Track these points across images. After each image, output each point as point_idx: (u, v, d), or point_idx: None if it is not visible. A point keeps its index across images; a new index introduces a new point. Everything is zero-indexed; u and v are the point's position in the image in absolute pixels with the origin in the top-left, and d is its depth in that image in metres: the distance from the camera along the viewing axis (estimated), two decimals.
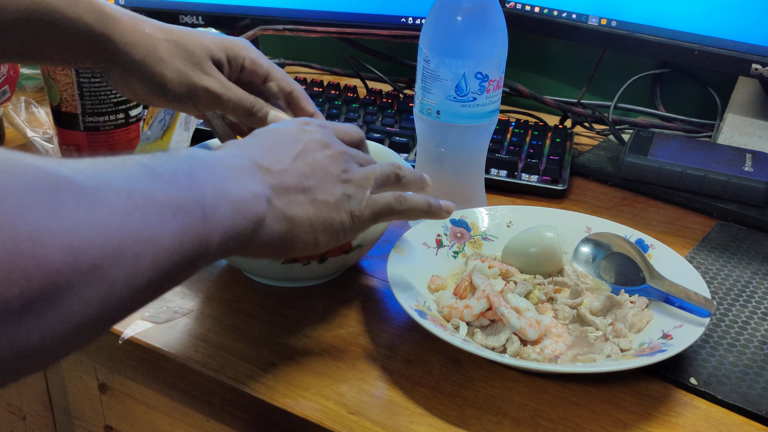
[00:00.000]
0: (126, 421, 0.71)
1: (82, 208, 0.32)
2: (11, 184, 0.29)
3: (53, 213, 0.30)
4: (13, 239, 0.28)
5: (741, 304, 0.64)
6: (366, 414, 0.51)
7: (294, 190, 0.48)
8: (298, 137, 0.52)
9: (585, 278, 0.65)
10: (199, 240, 0.39)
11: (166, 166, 0.40)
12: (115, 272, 0.33)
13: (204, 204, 0.40)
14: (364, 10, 1.02)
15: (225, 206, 0.42)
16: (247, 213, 0.44)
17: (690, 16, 0.84)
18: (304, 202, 0.48)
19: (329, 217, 0.50)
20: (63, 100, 0.80)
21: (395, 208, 0.54)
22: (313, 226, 0.49)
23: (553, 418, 0.51)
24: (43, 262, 0.29)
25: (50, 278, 0.29)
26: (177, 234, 0.37)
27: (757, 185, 0.79)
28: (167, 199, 0.37)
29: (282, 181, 0.48)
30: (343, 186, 0.51)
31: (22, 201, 0.29)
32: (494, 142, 0.86)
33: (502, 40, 0.67)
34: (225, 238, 0.42)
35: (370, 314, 0.62)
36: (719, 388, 0.54)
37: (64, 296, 0.30)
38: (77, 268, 0.31)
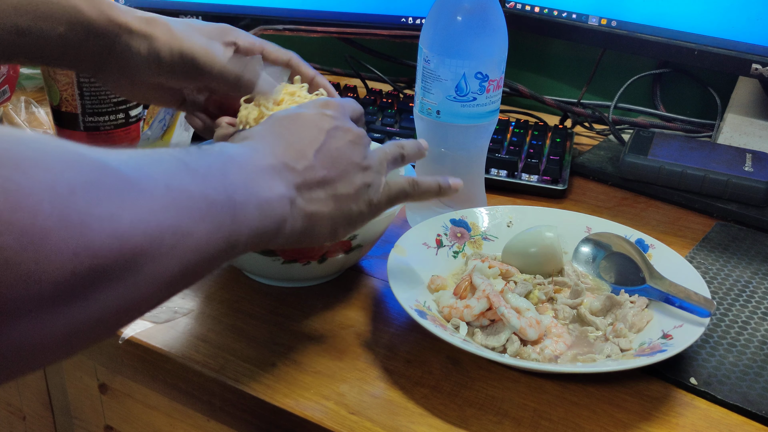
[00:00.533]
0: (126, 422, 0.71)
1: (126, 197, 0.33)
2: (63, 171, 0.30)
3: (100, 200, 0.31)
4: (65, 222, 0.29)
5: (741, 304, 0.64)
6: (366, 414, 0.51)
7: (317, 186, 0.49)
8: (319, 126, 0.52)
9: (585, 278, 0.65)
10: (227, 237, 0.40)
11: (201, 162, 0.41)
12: (152, 261, 0.34)
13: (235, 203, 0.41)
14: (364, 10, 1.02)
15: (253, 207, 0.43)
16: (272, 214, 0.45)
17: (690, 16, 0.84)
18: (326, 198, 0.50)
19: (348, 209, 0.51)
20: (63, 100, 0.80)
21: (410, 193, 0.56)
22: (334, 219, 0.50)
23: (553, 418, 0.51)
24: (91, 244, 0.30)
25: (97, 260, 0.30)
26: (209, 231, 0.38)
27: (757, 185, 0.79)
28: (202, 196, 0.38)
29: (305, 179, 0.49)
30: (363, 174, 0.52)
31: (72, 187, 0.30)
32: (494, 142, 0.86)
33: (502, 40, 0.67)
34: (251, 237, 0.43)
35: (370, 314, 0.62)
36: (719, 388, 0.54)
37: (108, 280, 0.31)
38: (121, 254, 0.32)
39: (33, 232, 0.28)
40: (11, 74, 0.98)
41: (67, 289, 0.29)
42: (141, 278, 0.33)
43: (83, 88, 0.79)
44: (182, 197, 0.37)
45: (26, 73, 1.07)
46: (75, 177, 0.30)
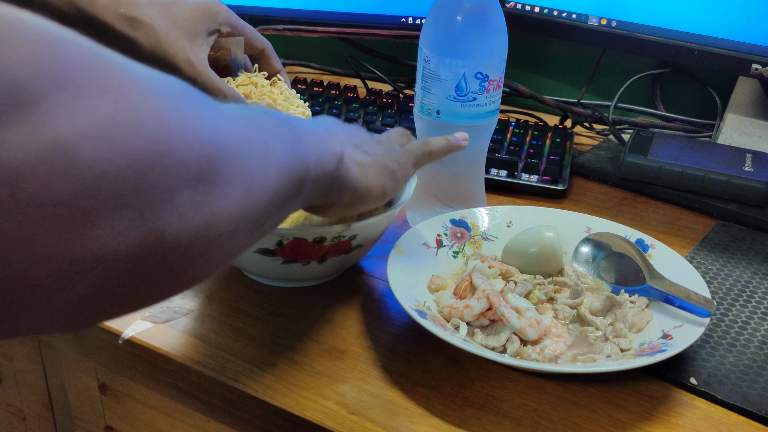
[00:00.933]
0: (126, 422, 0.71)
1: (212, 107, 0.33)
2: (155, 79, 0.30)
3: (195, 105, 0.31)
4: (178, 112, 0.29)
5: (741, 304, 0.64)
6: (366, 414, 0.51)
7: (348, 142, 0.51)
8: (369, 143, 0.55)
9: (585, 278, 0.65)
10: (301, 159, 0.40)
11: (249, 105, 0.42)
12: (253, 164, 0.34)
13: (294, 129, 0.41)
14: (364, 10, 1.02)
15: (310, 137, 0.43)
16: (328, 147, 0.46)
17: (690, 16, 0.84)
18: (362, 153, 0.52)
19: (384, 162, 0.53)
20: None
21: (425, 149, 0.58)
22: (378, 170, 0.52)
23: (553, 418, 0.51)
24: (204, 135, 0.30)
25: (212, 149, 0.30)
26: (286, 147, 0.39)
27: (757, 185, 0.79)
28: (268, 119, 0.39)
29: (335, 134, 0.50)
30: (378, 146, 0.55)
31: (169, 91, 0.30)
32: (494, 142, 0.86)
33: (502, 40, 0.67)
34: (318, 166, 0.43)
35: (370, 314, 0.62)
36: (719, 388, 0.54)
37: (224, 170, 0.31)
38: (227, 148, 0.32)
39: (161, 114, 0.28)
40: None
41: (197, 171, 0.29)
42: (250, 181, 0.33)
43: None
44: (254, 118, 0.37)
45: None
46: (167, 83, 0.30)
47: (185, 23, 0.62)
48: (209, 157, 0.30)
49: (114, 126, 0.26)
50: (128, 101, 0.27)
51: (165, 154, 0.27)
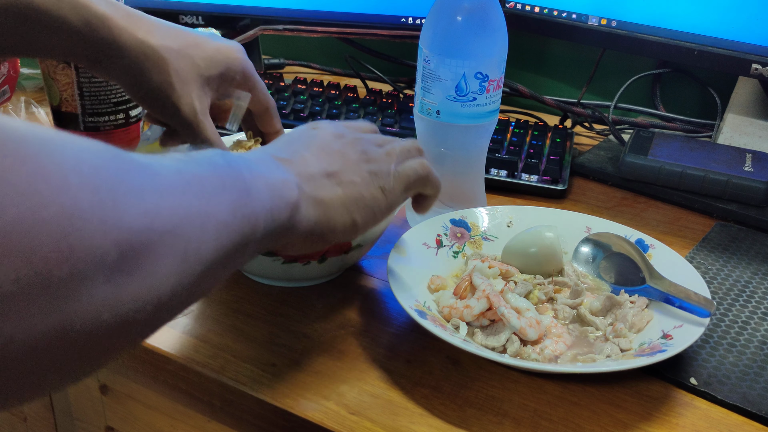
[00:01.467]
0: (127, 422, 0.71)
1: (145, 178, 0.32)
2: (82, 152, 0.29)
3: (123, 179, 0.31)
4: (97, 198, 0.28)
5: (741, 304, 0.64)
6: (366, 414, 0.51)
7: (319, 176, 0.49)
8: (310, 134, 0.53)
9: (585, 278, 0.65)
10: (247, 218, 0.40)
11: (199, 156, 0.40)
12: (185, 240, 0.33)
13: (245, 181, 0.40)
14: (364, 10, 1.02)
15: (262, 186, 0.42)
16: (282, 196, 0.44)
17: (690, 16, 0.84)
18: (332, 185, 0.49)
19: (360, 195, 0.50)
20: (63, 100, 0.80)
21: (422, 174, 0.55)
22: (346, 206, 0.49)
23: (553, 419, 0.51)
24: (125, 219, 0.29)
25: (133, 235, 0.30)
26: (229, 210, 0.38)
27: (757, 185, 0.79)
28: (213, 176, 0.38)
29: (306, 168, 0.48)
30: (366, 165, 0.52)
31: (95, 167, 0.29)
32: (494, 142, 0.86)
33: (502, 40, 0.67)
34: (268, 220, 0.42)
35: (370, 314, 0.62)
36: (719, 388, 0.54)
37: (147, 256, 0.31)
38: (153, 230, 0.31)
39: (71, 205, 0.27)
40: (11, 74, 0.98)
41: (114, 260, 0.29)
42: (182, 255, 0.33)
43: (83, 88, 0.79)
44: (195, 180, 0.36)
45: (26, 73, 1.07)
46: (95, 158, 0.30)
47: (202, 64, 0.61)
48: (129, 243, 0.29)
49: (17, 229, 0.25)
50: (34, 197, 0.26)
51: (76, 249, 0.27)
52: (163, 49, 0.59)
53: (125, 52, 0.58)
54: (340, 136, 0.53)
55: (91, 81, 0.79)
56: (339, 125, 0.55)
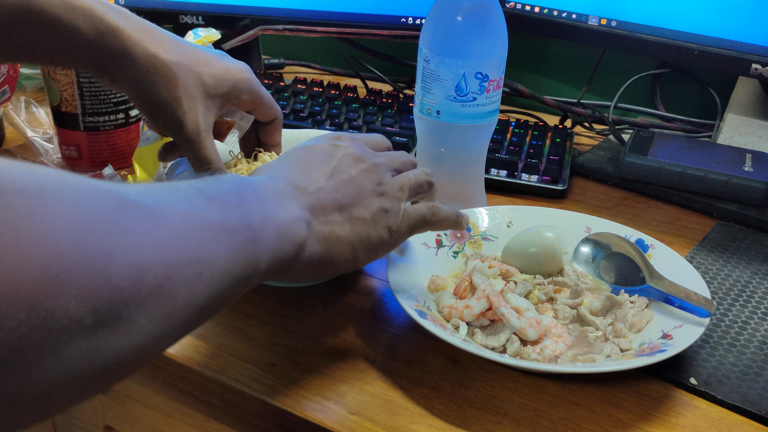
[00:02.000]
0: (126, 422, 0.71)
1: (145, 227, 0.32)
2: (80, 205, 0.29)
3: (120, 232, 0.31)
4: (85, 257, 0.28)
5: (741, 304, 0.64)
6: (366, 414, 0.51)
7: (331, 209, 0.49)
8: (330, 153, 0.53)
9: (585, 278, 0.65)
10: (248, 262, 0.40)
11: (216, 189, 0.41)
12: (177, 290, 0.34)
13: (253, 227, 0.41)
14: (364, 10, 1.02)
15: (271, 230, 0.43)
16: (290, 236, 0.45)
17: (690, 16, 0.84)
18: (342, 221, 0.50)
19: (367, 234, 0.51)
20: (63, 100, 0.80)
21: (429, 220, 0.55)
22: (352, 244, 0.50)
23: (553, 418, 0.51)
24: (112, 278, 0.29)
25: (119, 294, 0.30)
26: (230, 256, 0.38)
27: (757, 185, 0.79)
28: (221, 221, 0.38)
29: (319, 201, 0.49)
30: (379, 200, 0.52)
31: (91, 220, 0.29)
32: (494, 142, 0.86)
33: (502, 40, 0.67)
34: (271, 261, 0.43)
35: (370, 314, 0.62)
36: (719, 388, 0.54)
37: (132, 312, 0.31)
38: (143, 285, 0.31)
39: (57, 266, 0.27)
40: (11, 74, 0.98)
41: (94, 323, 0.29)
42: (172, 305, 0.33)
43: (83, 88, 0.79)
44: (202, 224, 0.37)
45: (26, 73, 1.07)
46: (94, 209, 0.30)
47: (210, 82, 0.61)
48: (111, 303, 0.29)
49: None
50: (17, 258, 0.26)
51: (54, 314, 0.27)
52: (173, 64, 0.58)
53: (135, 64, 0.57)
54: (359, 159, 0.53)
55: (91, 81, 0.79)
56: (360, 144, 0.55)
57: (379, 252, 0.52)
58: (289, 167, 0.51)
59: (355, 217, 0.50)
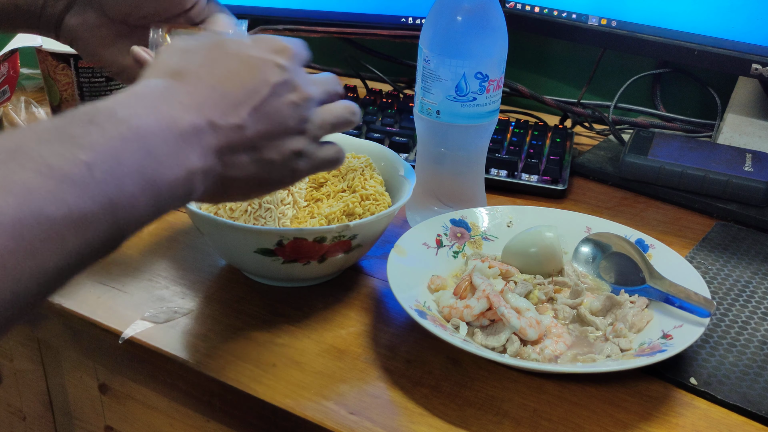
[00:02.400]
0: (126, 422, 0.71)
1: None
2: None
3: None
4: None
5: (741, 304, 0.64)
6: (366, 414, 0.51)
7: (241, 149, 0.44)
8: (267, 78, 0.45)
9: (585, 278, 0.65)
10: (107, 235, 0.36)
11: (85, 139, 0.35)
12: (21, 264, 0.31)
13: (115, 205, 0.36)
14: (364, 10, 1.02)
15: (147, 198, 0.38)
16: (175, 193, 0.40)
17: (690, 16, 0.84)
18: (248, 163, 0.44)
19: (269, 176, 0.46)
20: (63, 100, 0.80)
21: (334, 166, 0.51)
22: (249, 184, 0.46)
23: (553, 418, 0.51)
24: None
25: None
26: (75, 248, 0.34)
27: (757, 185, 0.79)
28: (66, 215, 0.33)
29: (230, 141, 0.43)
30: (296, 140, 0.47)
31: None
32: (494, 142, 0.86)
33: (502, 40, 0.67)
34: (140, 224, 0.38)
35: (370, 314, 0.62)
36: (719, 388, 0.54)
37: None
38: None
39: None
40: (11, 74, 0.98)
41: None
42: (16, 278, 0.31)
43: (83, 88, 0.79)
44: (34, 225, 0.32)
45: (26, 73, 1.07)
46: None
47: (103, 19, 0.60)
48: None
49: None
50: None
51: None
52: None
53: None
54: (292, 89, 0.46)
55: (90, 81, 0.79)
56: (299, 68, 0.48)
57: (271, 190, 0.49)
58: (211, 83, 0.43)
59: (263, 159, 0.45)
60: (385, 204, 0.66)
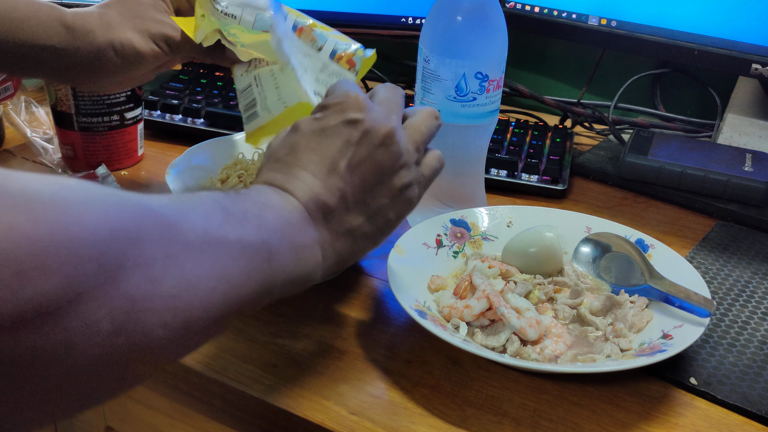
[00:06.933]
0: (127, 422, 0.71)
1: (162, 239, 0.33)
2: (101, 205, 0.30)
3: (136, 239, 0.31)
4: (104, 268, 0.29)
5: (741, 304, 0.64)
6: (366, 414, 0.51)
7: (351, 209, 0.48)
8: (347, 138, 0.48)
9: (585, 278, 0.65)
10: (264, 280, 0.41)
11: (237, 206, 0.41)
12: (192, 303, 0.34)
13: (270, 247, 0.41)
14: (364, 10, 1.02)
15: (287, 252, 0.43)
16: (306, 260, 0.45)
17: (690, 16, 0.84)
18: (361, 221, 0.48)
19: (387, 220, 0.50)
20: (58, 99, 0.80)
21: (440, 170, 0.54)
22: (371, 237, 0.50)
23: (553, 418, 0.51)
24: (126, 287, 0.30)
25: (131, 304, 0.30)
26: (245, 273, 0.39)
27: (757, 185, 0.79)
28: (237, 239, 0.39)
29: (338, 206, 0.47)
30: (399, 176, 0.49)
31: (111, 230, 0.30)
32: (494, 142, 0.86)
33: (502, 40, 0.67)
34: (287, 281, 0.43)
35: (370, 314, 0.62)
36: (719, 388, 0.54)
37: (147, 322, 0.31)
38: (157, 295, 0.32)
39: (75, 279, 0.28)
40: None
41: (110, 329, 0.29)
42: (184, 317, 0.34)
43: (76, 88, 0.79)
44: (218, 241, 0.37)
45: None
46: (112, 213, 0.31)
47: None
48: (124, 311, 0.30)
49: None
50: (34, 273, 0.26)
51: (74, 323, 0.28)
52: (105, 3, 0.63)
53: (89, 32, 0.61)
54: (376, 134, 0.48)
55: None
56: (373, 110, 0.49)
57: (396, 226, 0.51)
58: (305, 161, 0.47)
59: (375, 209, 0.49)
60: None
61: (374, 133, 0.48)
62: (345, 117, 0.48)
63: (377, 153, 0.48)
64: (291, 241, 0.44)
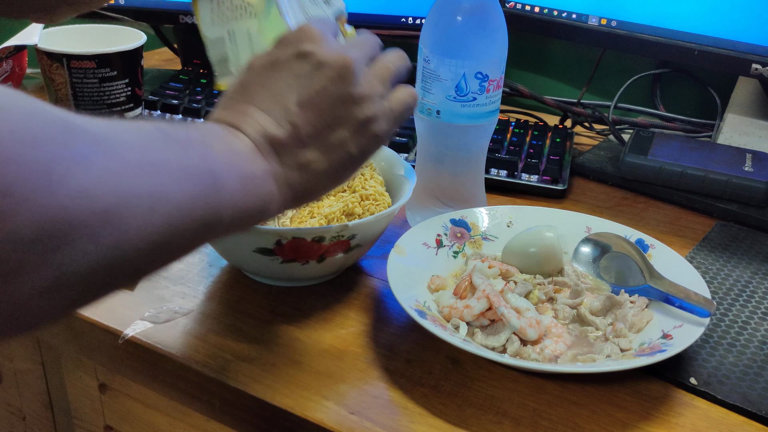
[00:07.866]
0: (126, 421, 0.71)
1: (95, 153, 0.31)
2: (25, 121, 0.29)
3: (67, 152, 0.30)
4: (30, 170, 0.28)
5: (741, 304, 0.64)
6: (366, 414, 0.51)
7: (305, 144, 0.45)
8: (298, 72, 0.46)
9: (585, 278, 0.65)
10: (210, 207, 0.38)
11: (181, 132, 0.39)
12: (128, 220, 0.33)
13: (215, 174, 0.39)
14: (364, 10, 1.02)
15: (235, 180, 0.41)
16: (256, 192, 0.42)
17: (690, 16, 0.84)
18: (317, 156, 0.45)
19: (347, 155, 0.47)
20: (58, 99, 0.80)
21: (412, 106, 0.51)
22: (330, 173, 0.46)
23: (553, 418, 0.51)
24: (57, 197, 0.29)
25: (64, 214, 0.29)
26: (188, 197, 0.37)
27: (757, 185, 0.79)
28: (179, 162, 0.37)
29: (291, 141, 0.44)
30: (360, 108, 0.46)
31: (36, 137, 0.29)
32: (494, 142, 0.86)
33: (502, 40, 0.67)
34: (236, 213, 0.41)
35: (370, 314, 0.62)
36: (719, 388, 0.54)
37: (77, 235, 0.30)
38: (91, 209, 0.30)
39: None
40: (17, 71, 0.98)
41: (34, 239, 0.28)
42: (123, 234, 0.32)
43: (76, 88, 0.79)
44: (158, 162, 0.35)
45: (27, 73, 1.07)
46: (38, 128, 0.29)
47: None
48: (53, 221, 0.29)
49: None
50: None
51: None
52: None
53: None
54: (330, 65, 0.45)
55: (83, 82, 0.79)
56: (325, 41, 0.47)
57: (361, 163, 0.48)
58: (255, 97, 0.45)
59: (333, 143, 0.46)
60: (384, 204, 0.66)
61: (328, 65, 0.45)
62: (296, 49, 0.46)
63: (332, 86, 0.45)
64: (239, 170, 0.41)
